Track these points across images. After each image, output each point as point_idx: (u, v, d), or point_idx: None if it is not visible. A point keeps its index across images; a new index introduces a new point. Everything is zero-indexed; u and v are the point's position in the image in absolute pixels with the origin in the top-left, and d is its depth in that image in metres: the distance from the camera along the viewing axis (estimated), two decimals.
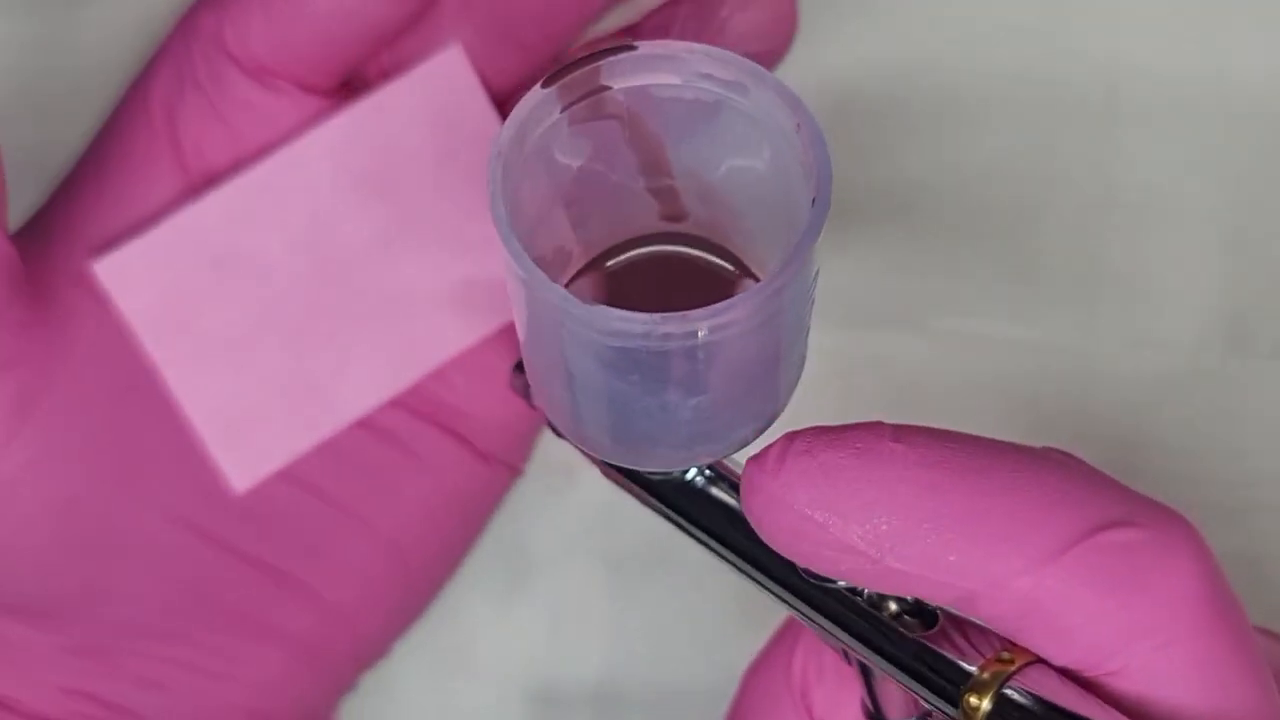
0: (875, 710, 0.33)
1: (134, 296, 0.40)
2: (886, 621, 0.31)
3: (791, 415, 0.32)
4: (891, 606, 0.31)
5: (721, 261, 0.32)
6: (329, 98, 0.40)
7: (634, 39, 0.41)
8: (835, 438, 0.29)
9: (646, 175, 0.31)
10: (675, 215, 0.31)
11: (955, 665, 0.30)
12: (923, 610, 0.31)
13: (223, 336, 0.40)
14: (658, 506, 0.33)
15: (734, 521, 0.32)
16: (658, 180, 0.31)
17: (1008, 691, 0.29)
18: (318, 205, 0.40)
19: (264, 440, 0.40)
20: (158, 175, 0.40)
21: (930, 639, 0.30)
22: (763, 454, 0.29)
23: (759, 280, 0.30)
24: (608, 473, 0.34)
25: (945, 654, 0.30)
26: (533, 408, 0.33)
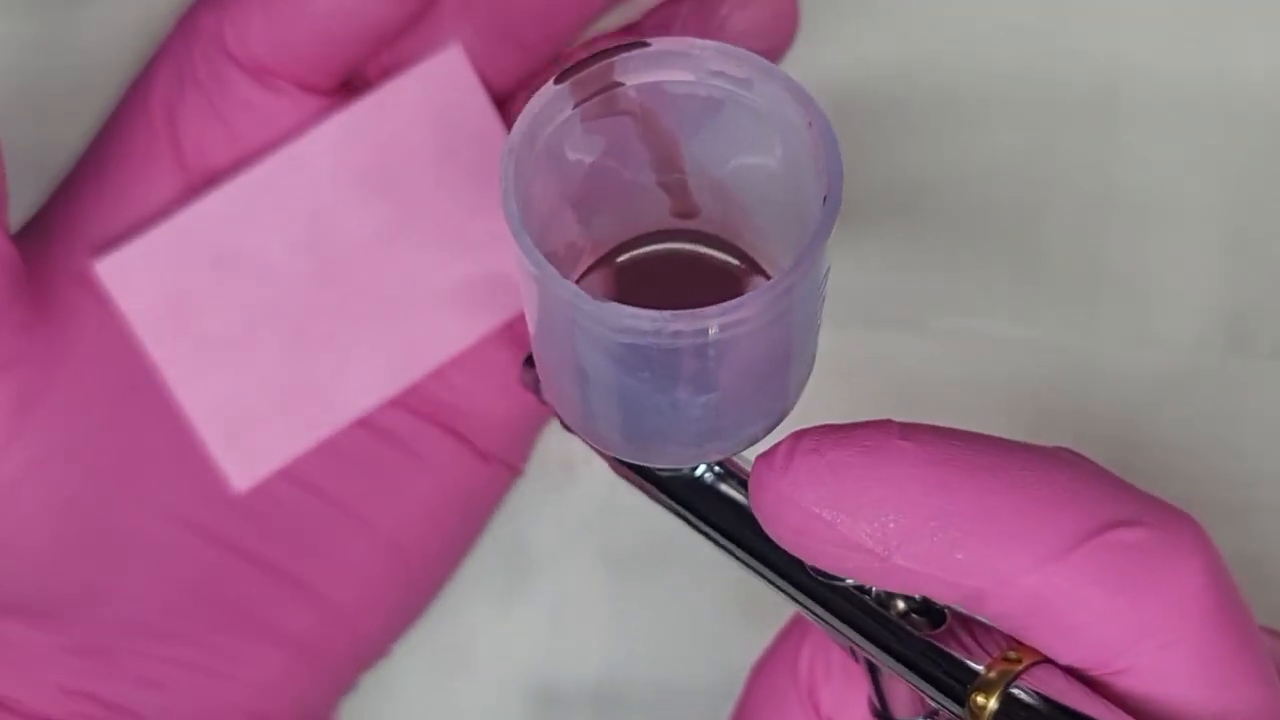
0: (882, 708, 0.33)
1: (135, 296, 0.40)
2: (894, 620, 0.31)
3: (798, 414, 0.32)
4: (899, 605, 0.31)
5: (732, 259, 0.31)
6: (329, 97, 0.40)
7: (635, 37, 0.41)
8: (843, 436, 0.29)
9: (659, 172, 0.31)
10: (686, 212, 0.31)
11: (962, 664, 0.30)
12: (930, 609, 0.31)
13: (223, 336, 0.40)
14: (667, 503, 0.33)
15: (743, 518, 0.32)
16: (669, 177, 0.31)
17: (1014, 690, 0.29)
18: (318, 204, 0.40)
19: (264, 440, 0.40)
20: (158, 175, 0.40)
21: (938, 638, 0.30)
22: (771, 452, 0.29)
23: (770, 278, 0.30)
24: (618, 469, 0.34)
25: (952, 653, 0.30)
26: (542, 403, 0.33)
